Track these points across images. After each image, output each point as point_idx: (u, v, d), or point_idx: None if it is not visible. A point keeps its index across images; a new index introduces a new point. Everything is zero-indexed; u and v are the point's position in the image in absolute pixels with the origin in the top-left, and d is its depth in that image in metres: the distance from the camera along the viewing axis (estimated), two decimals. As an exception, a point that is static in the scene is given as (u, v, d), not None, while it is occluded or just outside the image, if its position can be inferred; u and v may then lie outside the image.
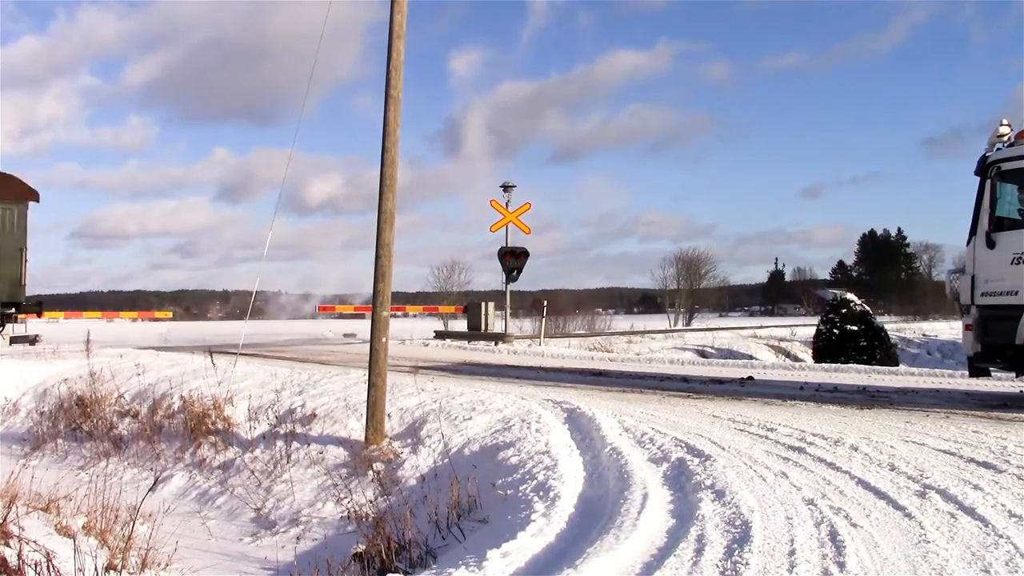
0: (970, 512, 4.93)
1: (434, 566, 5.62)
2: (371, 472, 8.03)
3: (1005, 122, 10.43)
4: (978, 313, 10.23)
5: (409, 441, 8.44)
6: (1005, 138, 10.34)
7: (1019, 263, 9.80)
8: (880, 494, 5.38)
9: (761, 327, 42.19)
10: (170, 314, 28.15)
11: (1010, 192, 10.29)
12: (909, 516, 4.91)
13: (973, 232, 10.39)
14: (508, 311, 26.82)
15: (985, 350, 10.21)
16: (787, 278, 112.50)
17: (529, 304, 46.11)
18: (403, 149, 8.91)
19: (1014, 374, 10.31)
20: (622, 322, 55.20)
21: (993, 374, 10.97)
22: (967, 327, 10.50)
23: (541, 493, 5.98)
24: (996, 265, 10.05)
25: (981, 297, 10.23)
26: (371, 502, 7.47)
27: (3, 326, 21.76)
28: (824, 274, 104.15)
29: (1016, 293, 9.79)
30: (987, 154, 10.34)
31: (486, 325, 25.96)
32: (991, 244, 10.11)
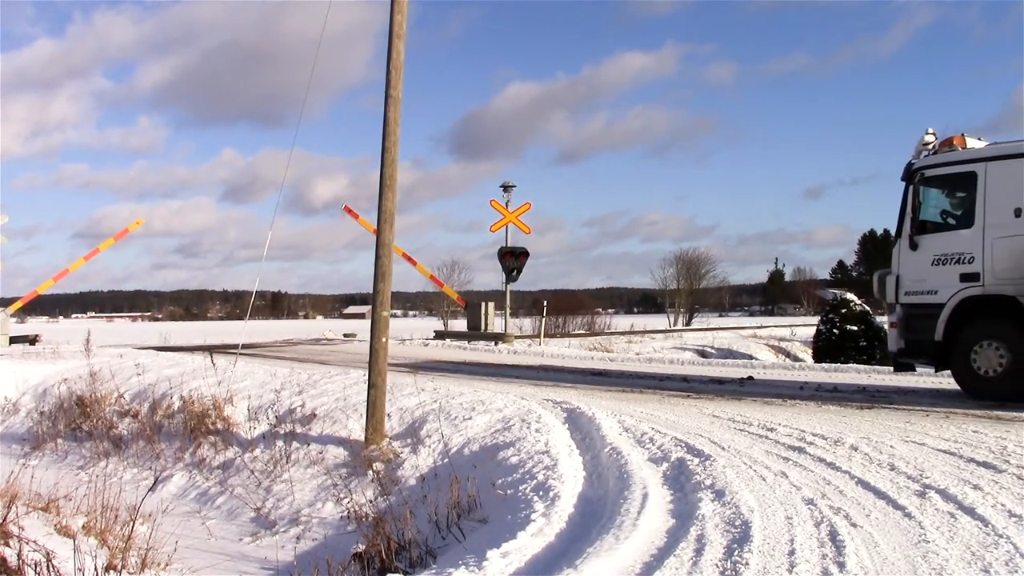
0: (970, 512, 4.93)
1: (434, 566, 5.62)
2: (371, 472, 8.03)
3: (930, 131, 11.04)
4: (902, 311, 10.77)
5: (409, 441, 8.43)
6: (930, 146, 10.94)
7: (939, 264, 10.40)
8: (880, 494, 5.38)
9: (761, 327, 42.19)
10: (141, 221, 27.14)
11: (933, 197, 10.90)
12: (909, 516, 4.91)
13: (898, 234, 10.93)
14: (508, 311, 26.81)
15: (908, 347, 10.78)
16: (787, 278, 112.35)
17: (529, 304, 46.12)
18: (408, 150, 8.94)
19: (933, 369, 10.96)
20: (622, 322, 55.19)
21: (917, 370, 11.54)
22: (892, 324, 11.04)
23: (541, 493, 5.98)
24: (918, 266, 10.63)
25: (905, 296, 10.77)
26: (371, 502, 7.47)
27: None
28: (824, 274, 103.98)
29: (936, 292, 10.38)
30: (912, 161, 10.90)
31: (486, 325, 25.95)
32: (914, 246, 10.67)
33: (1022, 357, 9.86)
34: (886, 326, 11.57)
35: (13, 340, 22.89)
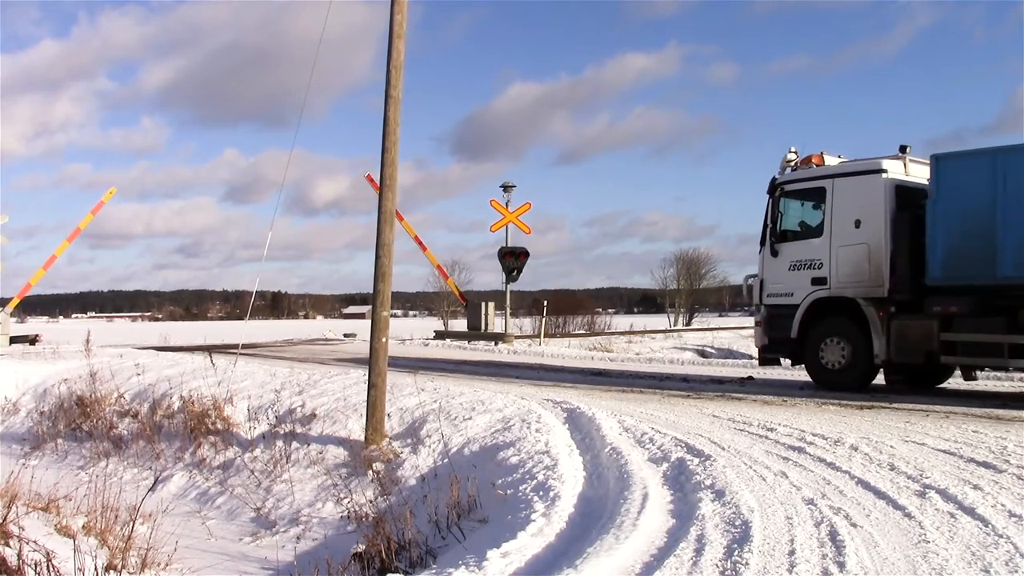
0: (970, 512, 4.93)
1: (434, 566, 5.62)
2: (371, 472, 8.03)
3: (793, 149, 12.32)
4: (765, 312, 12.12)
5: (409, 441, 8.43)
6: (792, 163, 12.25)
7: (795, 269, 11.79)
8: (880, 494, 5.38)
9: (761, 327, 42.02)
10: (114, 191, 25.55)
11: (792, 209, 12.23)
12: (909, 516, 4.91)
13: (763, 242, 12.24)
14: (508, 311, 26.80)
15: (771, 343, 12.08)
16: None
17: (529, 304, 46.09)
18: (409, 150, 8.95)
19: (791, 363, 12.31)
20: (622, 322, 55.09)
21: (777, 364, 12.87)
22: (757, 323, 12.37)
23: (541, 493, 5.98)
24: (778, 271, 12.01)
25: (767, 298, 12.15)
26: (371, 502, 7.47)
27: None
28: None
29: (792, 295, 11.76)
30: (775, 176, 12.20)
31: (486, 325, 25.94)
32: (775, 253, 12.05)
33: (860, 352, 10.92)
34: (753, 325, 12.82)
35: (13, 340, 22.88)
